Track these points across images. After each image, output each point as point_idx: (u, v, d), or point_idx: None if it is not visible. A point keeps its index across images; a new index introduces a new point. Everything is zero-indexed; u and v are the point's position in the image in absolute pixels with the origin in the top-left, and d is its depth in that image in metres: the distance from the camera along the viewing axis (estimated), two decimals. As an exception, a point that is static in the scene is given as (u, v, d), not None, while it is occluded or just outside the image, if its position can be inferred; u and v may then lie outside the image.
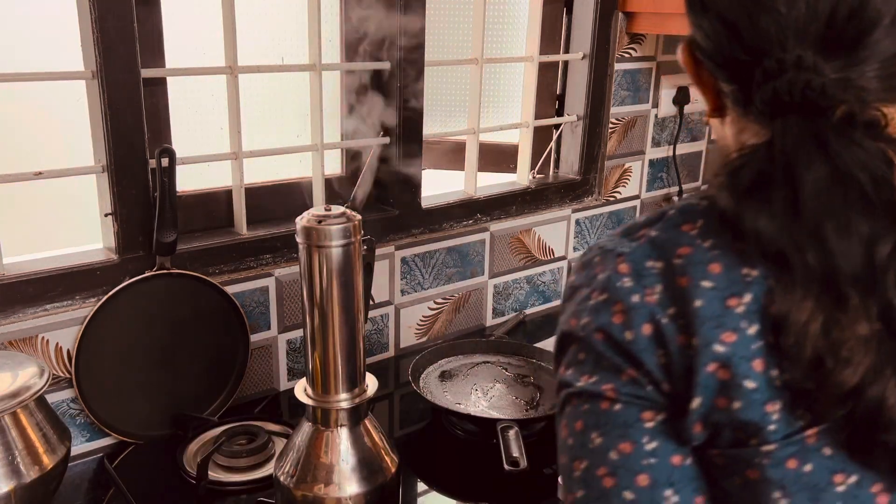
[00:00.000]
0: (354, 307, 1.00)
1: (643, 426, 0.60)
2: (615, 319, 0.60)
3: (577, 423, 0.62)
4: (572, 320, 0.64)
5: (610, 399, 0.60)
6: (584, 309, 0.63)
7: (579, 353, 0.63)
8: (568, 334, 0.64)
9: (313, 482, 0.99)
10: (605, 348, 0.61)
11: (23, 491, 0.97)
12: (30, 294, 1.14)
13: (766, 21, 0.58)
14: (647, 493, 0.59)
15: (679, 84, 1.91)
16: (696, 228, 0.62)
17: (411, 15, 1.42)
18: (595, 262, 0.65)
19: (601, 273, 0.63)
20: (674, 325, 0.58)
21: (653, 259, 0.61)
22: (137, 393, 1.24)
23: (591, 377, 0.61)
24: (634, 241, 0.63)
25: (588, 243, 1.87)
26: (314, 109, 1.39)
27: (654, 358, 0.59)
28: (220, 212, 1.38)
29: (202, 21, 1.30)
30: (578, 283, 0.65)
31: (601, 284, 0.62)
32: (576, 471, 0.61)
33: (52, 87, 1.23)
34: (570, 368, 0.64)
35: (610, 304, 0.61)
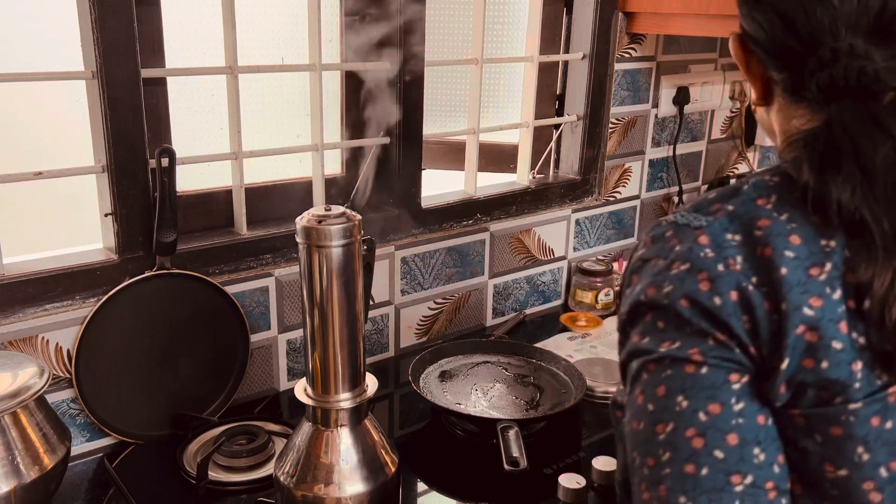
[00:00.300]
0: (354, 307, 1.00)
1: (731, 387, 0.62)
2: (701, 287, 0.63)
3: (658, 389, 0.64)
4: (650, 289, 0.66)
5: (696, 363, 0.63)
6: (664, 279, 0.65)
7: (658, 322, 0.65)
8: (644, 303, 0.66)
9: (313, 482, 0.99)
10: (692, 314, 0.63)
11: (23, 491, 0.97)
12: (30, 294, 1.14)
13: (820, 13, 0.64)
14: (736, 452, 0.61)
15: (679, 84, 1.91)
16: (770, 203, 0.66)
17: (411, 15, 1.42)
18: (668, 236, 0.67)
19: (679, 245, 0.66)
20: (759, 292, 0.62)
21: (731, 232, 0.65)
22: (137, 393, 1.24)
23: (674, 343, 0.64)
24: (710, 216, 0.66)
25: (588, 243, 1.87)
26: (314, 109, 1.39)
27: (741, 322, 0.62)
28: (220, 212, 1.38)
29: (202, 21, 1.30)
30: (649, 256, 0.68)
31: (681, 255, 0.65)
32: (660, 434, 0.63)
33: (52, 87, 1.23)
34: (646, 337, 0.66)
35: (694, 272, 0.64)
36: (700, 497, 0.61)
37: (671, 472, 0.62)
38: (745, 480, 0.61)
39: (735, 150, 2.18)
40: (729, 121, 2.12)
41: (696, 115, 2.02)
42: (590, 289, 1.76)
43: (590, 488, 1.12)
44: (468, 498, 1.16)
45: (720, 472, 0.61)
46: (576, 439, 1.31)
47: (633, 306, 0.68)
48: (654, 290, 0.66)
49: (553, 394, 1.36)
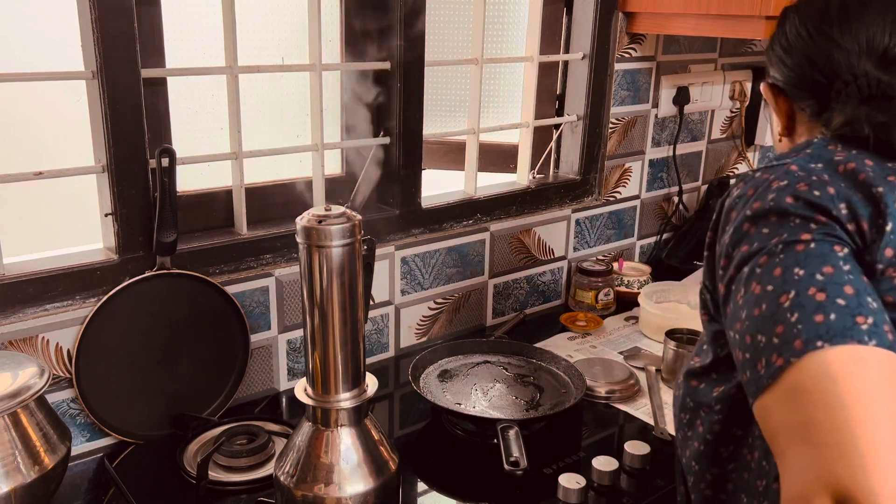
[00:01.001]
0: (354, 307, 1.00)
1: (838, 255, 0.73)
2: (801, 187, 0.76)
3: (775, 271, 0.73)
4: (755, 203, 0.77)
5: (805, 241, 0.73)
6: (766, 192, 0.77)
7: (763, 227, 0.76)
8: (749, 217, 0.77)
9: (313, 482, 0.99)
10: (796, 207, 0.75)
11: (23, 491, 0.97)
12: (30, 294, 1.14)
13: (836, 54, 0.86)
14: (855, 299, 0.70)
15: (679, 84, 1.91)
16: (837, 148, 0.82)
17: (411, 14, 1.42)
18: (759, 176, 0.80)
19: (770, 176, 0.79)
20: (851, 188, 0.76)
21: (815, 163, 0.79)
22: (137, 393, 1.24)
23: (782, 234, 0.74)
24: (793, 155, 0.82)
25: (588, 243, 1.87)
26: (314, 109, 1.39)
27: (839, 208, 0.74)
28: (220, 212, 1.38)
29: (202, 21, 1.30)
30: (745, 192, 0.80)
31: (777, 176, 0.78)
32: (784, 303, 0.71)
33: (52, 87, 1.23)
34: (754, 243, 0.76)
35: (793, 182, 0.77)
36: (835, 338, 0.67)
37: (803, 326, 0.69)
38: (867, 321, 0.68)
39: (735, 150, 2.18)
40: (729, 121, 2.11)
41: (696, 115, 2.02)
42: (590, 289, 1.76)
43: (590, 488, 1.12)
44: (468, 498, 1.16)
45: (846, 315, 0.69)
46: (576, 439, 1.31)
47: (737, 226, 0.78)
48: (759, 202, 0.77)
49: (553, 394, 1.36)
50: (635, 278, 1.84)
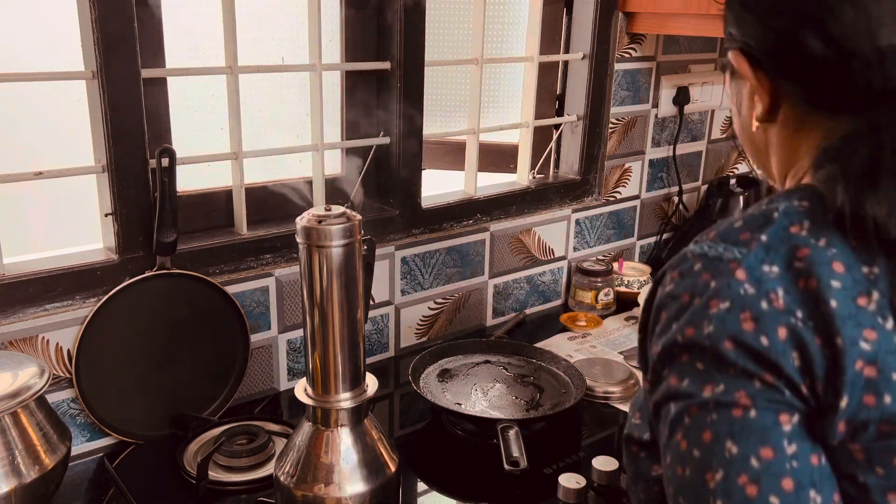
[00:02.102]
0: (354, 307, 1.00)
1: (782, 429, 0.59)
2: (745, 326, 0.59)
3: (704, 434, 0.61)
4: (688, 329, 0.62)
5: (744, 406, 0.59)
6: (703, 318, 0.61)
7: (696, 363, 0.61)
8: (680, 344, 0.62)
9: (313, 482, 0.99)
10: (737, 356, 0.59)
11: (23, 491, 0.97)
12: (30, 294, 1.14)
13: (853, 15, 0.60)
14: (792, 497, 0.58)
15: (679, 84, 1.91)
16: (804, 229, 0.62)
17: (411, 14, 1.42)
18: (698, 270, 0.63)
19: (713, 281, 0.62)
20: (808, 328, 0.59)
21: (769, 264, 0.61)
22: (137, 393, 1.24)
23: (717, 386, 0.60)
24: (742, 247, 0.62)
25: (588, 243, 1.87)
26: (314, 109, 1.39)
27: (791, 361, 0.59)
28: (220, 212, 1.38)
29: (202, 21, 1.30)
30: (679, 292, 0.64)
31: (719, 292, 0.61)
32: (709, 482, 0.60)
33: (52, 87, 1.23)
34: (685, 379, 0.62)
35: (736, 311, 0.60)
36: None
37: None
38: None
39: (735, 150, 2.18)
40: (729, 121, 2.12)
41: (696, 115, 2.02)
42: (590, 289, 1.76)
43: (590, 488, 1.12)
44: (468, 498, 1.16)
45: None
46: (576, 439, 1.31)
47: (667, 347, 0.64)
48: (693, 330, 0.61)
49: (553, 394, 1.36)
50: (635, 278, 1.84)
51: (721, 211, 1.92)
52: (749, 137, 0.76)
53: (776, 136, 0.72)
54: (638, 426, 0.76)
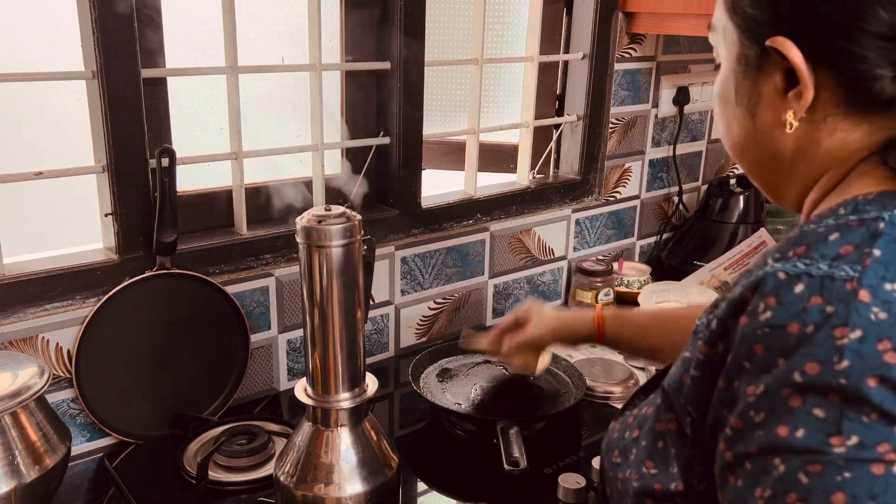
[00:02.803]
0: (354, 307, 1.00)
1: None
2: (889, 359, 0.50)
3: (833, 498, 0.49)
4: (810, 366, 0.51)
5: (888, 461, 0.49)
6: (830, 352, 0.51)
7: (814, 409, 0.51)
8: (799, 385, 0.52)
9: (313, 482, 0.99)
10: (883, 397, 0.49)
11: (23, 491, 0.97)
12: (30, 294, 1.14)
13: None
14: None
15: (679, 84, 1.91)
16: None
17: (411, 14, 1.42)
18: (802, 294, 0.53)
19: (830, 305, 0.52)
20: None
21: (891, 281, 0.52)
22: (137, 393, 1.24)
23: (849, 438, 0.50)
24: (854, 263, 0.53)
25: (588, 243, 1.87)
26: (314, 109, 1.39)
27: None
28: (220, 212, 1.38)
29: (202, 20, 1.30)
30: (784, 321, 0.53)
31: (843, 319, 0.51)
32: None
33: (52, 87, 1.23)
34: (798, 429, 0.51)
35: (872, 340, 0.50)
36: None
37: None
38: None
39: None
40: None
41: (696, 115, 2.02)
42: (590, 289, 1.75)
43: (590, 488, 1.12)
44: (468, 498, 1.16)
45: None
46: (576, 439, 1.31)
47: (774, 388, 0.53)
48: (819, 366, 0.51)
49: (553, 394, 1.36)
50: (635, 278, 1.84)
51: (721, 211, 1.92)
52: (759, 144, 0.66)
53: (802, 139, 0.63)
54: (657, 476, 0.65)
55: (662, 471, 0.65)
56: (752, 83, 0.64)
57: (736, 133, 0.68)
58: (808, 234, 0.57)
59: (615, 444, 0.72)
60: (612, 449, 0.72)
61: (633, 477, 0.68)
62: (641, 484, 0.66)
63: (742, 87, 0.65)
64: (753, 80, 0.64)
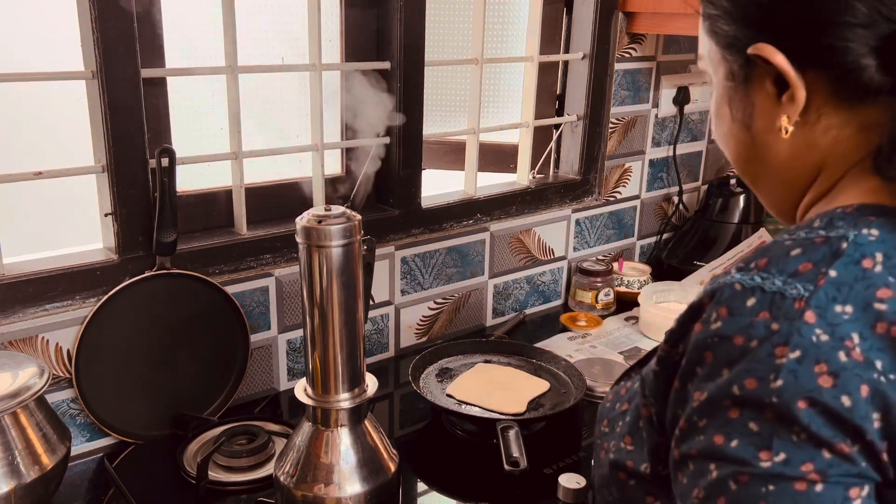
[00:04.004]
0: (354, 307, 1.00)
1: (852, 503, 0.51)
2: (822, 382, 0.50)
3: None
4: (748, 381, 0.52)
5: (810, 480, 0.51)
6: (768, 369, 0.52)
7: (750, 422, 0.52)
8: (736, 398, 0.53)
9: (313, 482, 0.99)
10: (811, 419, 0.50)
11: (23, 491, 0.97)
12: (30, 294, 1.14)
13: None
14: None
15: (679, 84, 1.91)
16: (878, 264, 0.54)
17: (411, 14, 1.42)
18: (752, 307, 0.54)
19: (775, 322, 0.53)
20: (891, 383, 0.51)
21: (841, 304, 0.52)
22: (137, 393, 1.24)
23: (778, 455, 0.51)
24: (808, 282, 0.53)
25: (588, 243, 1.87)
26: (314, 109, 1.39)
27: (873, 424, 0.50)
28: (220, 212, 1.38)
29: (202, 21, 1.30)
30: (731, 333, 0.54)
31: (785, 338, 0.52)
32: None
33: (52, 87, 1.23)
34: (733, 439, 0.53)
35: (810, 363, 0.51)
36: None
37: None
38: None
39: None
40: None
41: (696, 115, 2.02)
42: (590, 289, 1.76)
43: (590, 488, 1.12)
44: (468, 498, 1.16)
45: None
46: (576, 439, 1.31)
47: (715, 397, 0.54)
48: (756, 382, 0.52)
49: (553, 394, 1.36)
50: (635, 278, 1.84)
51: (721, 211, 1.92)
52: (757, 155, 0.66)
53: (798, 143, 0.63)
54: (631, 454, 0.68)
55: (637, 449, 0.67)
56: (743, 96, 0.65)
57: (734, 148, 0.68)
58: (774, 247, 0.58)
59: (605, 413, 0.74)
60: (603, 418, 0.74)
61: (611, 448, 0.70)
62: (617, 457, 0.69)
63: (734, 101, 0.66)
64: (744, 92, 0.64)
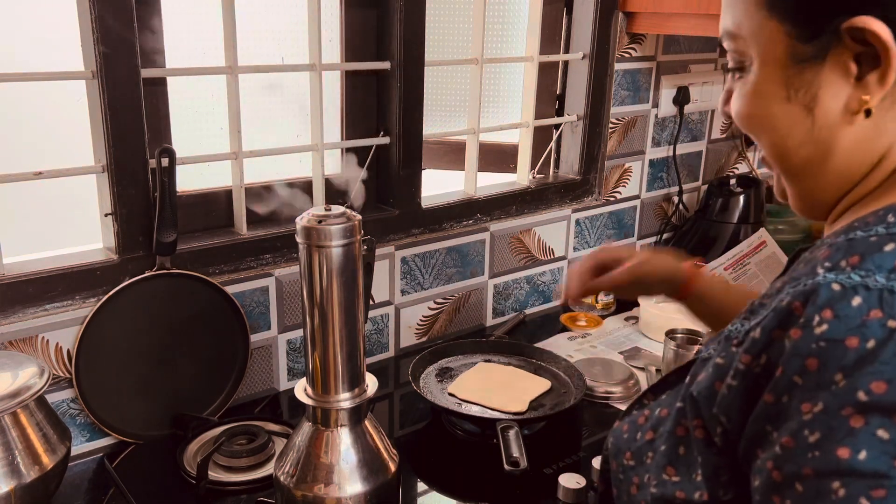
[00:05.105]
0: (354, 307, 1.00)
1: None
2: None
3: None
4: (875, 384, 0.49)
5: None
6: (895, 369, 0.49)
7: (878, 430, 0.49)
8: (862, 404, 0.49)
9: (313, 482, 0.99)
10: None
11: (23, 491, 0.97)
12: (30, 294, 1.14)
13: None
14: None
15: (679, 84, 1.91)
16: None
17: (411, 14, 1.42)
18: (860, 307, 0.51)
19: (892, 320, 0.50)
20: None
21: None
22: (137, 393, 1.24)
23: None
24: None
25: (588, 243, 1.87)
26: (314, 109, 1.39)
27: None
28: (220, 212, 1.38)
29: (202, 21, 1.30)
30: (842, 335, 0.51)
31: None
32: None
33: (52, 87, 1.23)
34: (860, 451, 0.49)
35: None
36: None
37: None
38: None
39: (735, 150, 2.18)
40: (729, 121, 2.12)
41: (696, 115, 2.02)
42: (590, 289, 1.75)
43: (590, 488, 1.12)
44: (468, 498, 1.16)
45: None
46: (576, 439, 1.31)
47: (834, 407, 0.50)
48: (886, 385, 0.49)
49: (553, 394, 1.36)
50: (635, 278, 1.84)
51: (721, 211, 1.92)
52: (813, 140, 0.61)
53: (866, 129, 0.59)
54: (679, 484, 0.63)
55: (685, 478, 0.62)
56: (812, 75, 0.59)
57: (784, 132, 0.62)
58: (860, 243, 0.54)
59: (626, 445, 0.70)
60: (623, 450, 0.70)
61: (650, 482, 0.65)
62: (661, 491, 0.64)
63: (796, 82, 0.60)
64: (814, 71, 0.59)
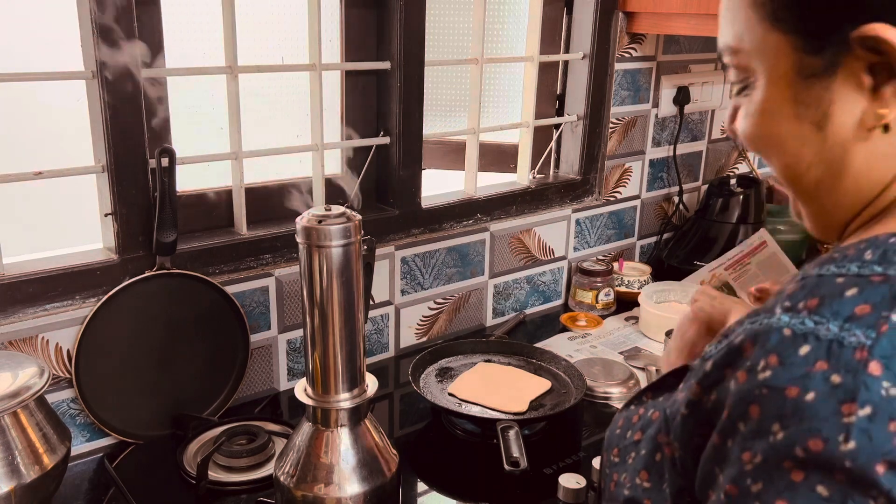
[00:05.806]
0: (354, 307, 1.00)
1: None
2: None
3: None
4: (813, 441, 0.47)
5: None
6: (836, 429, 0.47)
7: (818, 486, 0.47)
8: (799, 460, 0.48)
9: (313, 482, 0.99)
10: (893, 483, 0.45)
11: (23, 491, 0.97)
12: (30, 294, 1.14)
13: None
14: None
15: (679, 84, 1.91)
16: None
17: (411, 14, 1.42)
18: (806, 357, 0.49)
19: (836, 374, 0.48)
20: None
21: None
22: (137, 393, 1.24)
23: None
24: (870, 329, 0.48)
25: (588, 243, 1.87)
26: (314, 109, 1.39)
27: None
28: (220, 212, 1.38)
29: (202, 21, 1.30)
30: (784, 384, 0.49)
31: (852, 393, 0.47)
32: None
33: (52, 87, 1.23)
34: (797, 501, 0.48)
35: (883, 421, 0.46)
36: None
37: None
38: None
39: (735, 150, 2.18)
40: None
41: (696, 115, 2.02)
42: (590, 289, 1.76)
43: (590, 488, 1.12)
44: (468, 498, 1.16)
45: None
46: (576, 439, 1.31)
47: (773, 458, 0.49)
48: (822, 444, 0.47)
49: (553, 394, 1.36)
50: (635, 278, 1.84)
51: (721, 211, 1.92)
52: (825, 160, 0.58)
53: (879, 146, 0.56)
54: (649, 492, 0.63)
55: (656, 487, 0.62)
56: (822, 90, 0.56)
57: (793, 152, 0.59)
58: (825, 284, 0.52)
59: (615, 440, 0.70)
60: (612, 445, 0.70)
61: (625, 483, 0.65)
62: (633, 494, 0.64)
63: (805, 98, 0.57)
64: (823, 85, 0.56)
